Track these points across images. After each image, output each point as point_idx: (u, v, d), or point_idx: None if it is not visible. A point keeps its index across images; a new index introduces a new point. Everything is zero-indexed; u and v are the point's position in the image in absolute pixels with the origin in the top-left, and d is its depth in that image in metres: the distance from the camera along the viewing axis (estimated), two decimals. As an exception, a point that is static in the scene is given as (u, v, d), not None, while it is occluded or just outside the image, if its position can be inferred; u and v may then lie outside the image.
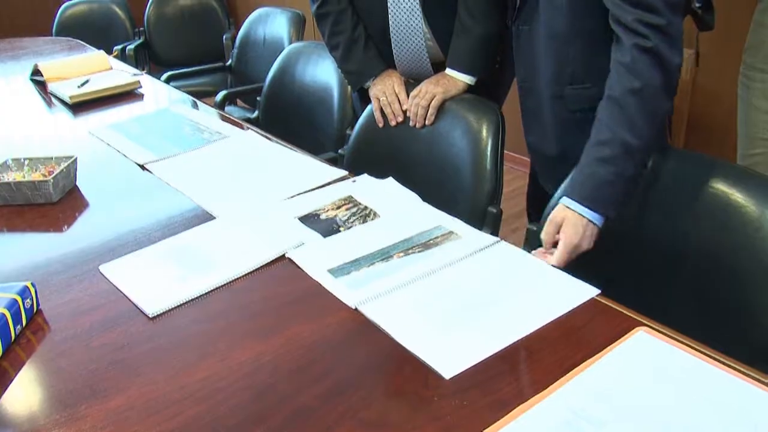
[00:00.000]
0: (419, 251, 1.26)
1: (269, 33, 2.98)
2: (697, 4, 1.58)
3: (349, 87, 2.01)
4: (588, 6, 1.34)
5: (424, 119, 1.73)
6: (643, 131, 1.22)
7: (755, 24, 1.66)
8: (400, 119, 1.79)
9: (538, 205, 1.57)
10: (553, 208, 1.31)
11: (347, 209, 1.43)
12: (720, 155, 2.54)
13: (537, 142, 1.62)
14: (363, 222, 1.38)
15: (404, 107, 1.78)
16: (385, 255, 1.26)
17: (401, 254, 1.26)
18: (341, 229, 1.37)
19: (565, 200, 1.27)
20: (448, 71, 1.79)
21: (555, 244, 1.27)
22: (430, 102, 1.72)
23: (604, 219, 1.26)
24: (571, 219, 1.25)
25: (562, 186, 1.39)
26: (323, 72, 2.15)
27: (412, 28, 1.82)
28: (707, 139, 2.70)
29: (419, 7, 1.79)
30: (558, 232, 1.27)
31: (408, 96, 1.78)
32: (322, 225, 1.38)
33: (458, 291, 1.14)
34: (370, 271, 1.21)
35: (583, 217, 1.25)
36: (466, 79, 1.76)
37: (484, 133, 1.61)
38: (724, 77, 2.55)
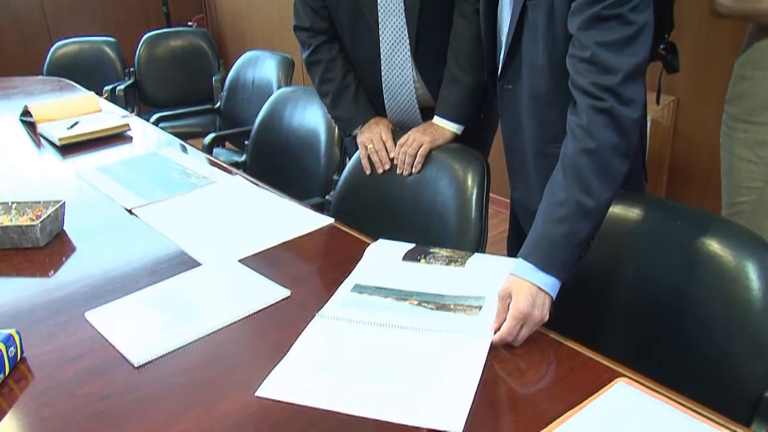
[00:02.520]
0: (430, 308, 1.26)
1: (258, 76, 3.02)
2: (662, 46, 1.63)
3: (338, 132, 2.04)
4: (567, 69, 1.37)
5: (411, 167, 1.76)
6: (598, 192, 1.21)
7: (736, 76, 1.70)
8: (386, 167, 1.81)
9: (519, 249, 1.58)
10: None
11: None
12: (701, 198, 2.62)
13: (522, 198, 1.64)
14: (446, 264, 1.40)
15: (391, 155, 1.80)
16: (403, 295, 1.29)
17: (415, 302, 1.28)
18: (420, 259, 1.42)
19: (515, 270, 1.22)
20: (437, 120, 1.82)
21: None
22: (418, 150, 1.75)
23: (556, 284, 1.21)
24: (520, 288, 1.19)
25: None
26: (311, 117, 2.18)
27: (404, 79, 1.86)
28: (688, 183, 2.74)
29: (411, 58, 1.83)
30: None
31: (395, 144, 1.80)
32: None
33: (428, 354, 1.14)
34: (373, 300, 1.27)
35: (534, 284, 1.19)
36: (453, 128, 1.79)
37: (470, 182, 1.64)
38: (704, 123, 2.61)
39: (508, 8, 1.47)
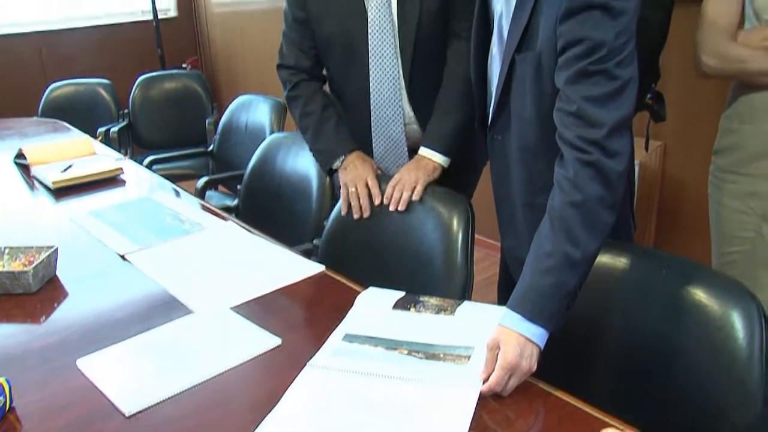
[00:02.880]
0: (420, 357, 1.27)
1: (251, 120, 3.06)
2: (648, 95, 1.67)
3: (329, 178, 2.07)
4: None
5: (406, 203, 1.77)
6: (585, 243, 1.23)
7: (723, 129, 1.73)
8: (365, 214, 1.81)
9: (509, 296, 1.60)
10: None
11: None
12: (689, 240, 2.65)
13: (512, 248, 1.66)
14: (436, 312, 1.41)
15: (376, 202, 1.81)
16: (393, 344, 1.30)
17: (405, 351, 1.29)
18: (410, 308, 1.43)
19: (503, 321, 1.24)
20: (425, 151, 1.84)
21: None
22: (415, 187, 1.76)
23: (544, 334, 1.22)
24: (508, 339, 1.20)
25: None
26: (303, 163, 2.21)
27: (394, 114, 1.88)
28: (677, 225, 2.78)
29: (404, 89, 1.86)
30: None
31: (380, 189, 1.81)
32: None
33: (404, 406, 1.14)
34: (364, 350, 1.28)
35: (522, 335, 1.20)
36: (441, 159, 1.82)
37: (455, 226, 1.66)
38: (691, 167, 2.65)
39: (497, 60, 1.51)
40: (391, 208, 1.79)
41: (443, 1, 1.83)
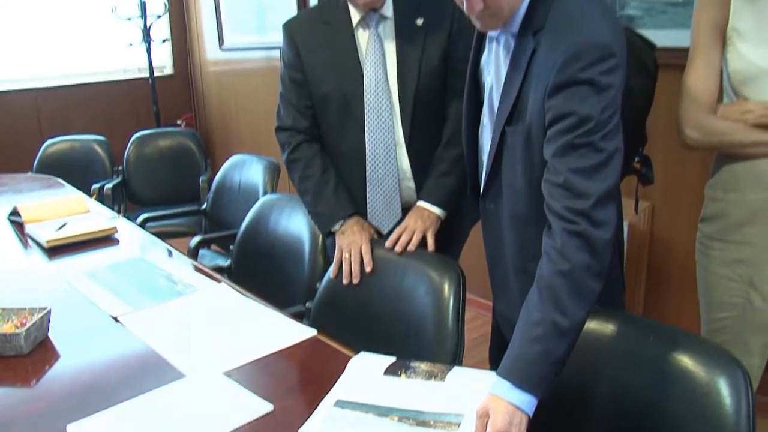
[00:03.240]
0: (410, 424, 1.27)
1: (245, 179, 3.09)
2: (636, 159, 1.71)
3: (322, 240, 2.09)
4: None
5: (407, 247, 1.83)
6: (573, 312, 1.25)
7: (708, 199, 1.77)
8: (355, 281, 1.84)
9: (501, 358, 1.61)
10: None
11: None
12: (679, 300, 2.67)
13: (505, 311, 1.68)
14: (426, 378, 1.42)
15: (367, 269, 1.83)
16: (384, 411, 1.31)
17: (395, 418, 1.29)
18: (401, 373, 1.43)
19: (493, 389, 1.25)
20: (424, 204, 1.90)
21: None
22: (418, 236, 1.83)
23: (533, 402, 1.24)
24: (497, 407, 1.21)
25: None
26: (296, 225, 2.23)
27: (389, 167, 1.92)
28: (666, 284, 2.80)
29: (401, 145, 1.92)
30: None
31: (372, 256, 1.84)
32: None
33: None
34: (355, 416, 1.29)
35: (511, 404, 1.22)
36: (438, 212, 1.89)
37: (446, 291, 1.68)
38: (679, 227, 2.69)
39: (488, 130, 1.55)
40: (397, 249, 1.82)
41: (442, 59, 1.89)
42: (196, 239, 2.79)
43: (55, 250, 2.31)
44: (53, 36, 5.01)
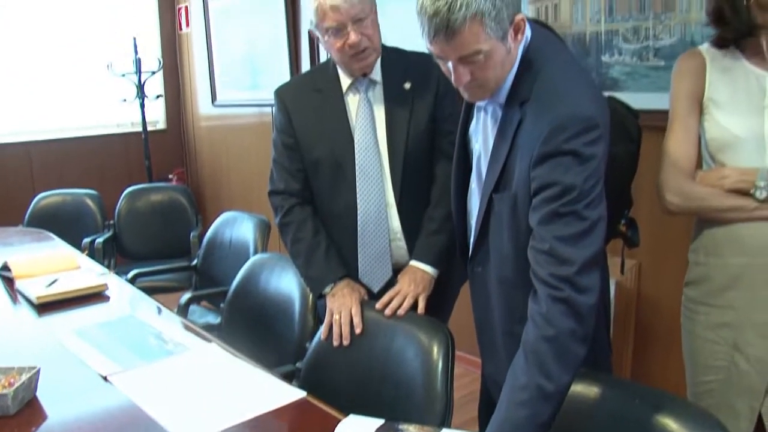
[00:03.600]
0: None
1: (235, 236, 3.11)
2: (623, 221, 1.76)
3: (312, 300, 2.11)
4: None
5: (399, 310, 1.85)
6: (558, 376, 1.29)
7: (691, 263, 1.81)
8: (345, 343, 1.85)
9: (489, 420, 1.63)
10: None
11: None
12: (667, 358, 2.68)
13: (494, 374, 1.69)
14: None
15: (357, 331, 1.85)
16: None
17: None
18: None
19: None
20: (417, 264, 1.93)
21: None
22: (409, 301, 1.85)
23: None
24: None
25: None
26: (286, 284, 2.25)
27: (380, 227, 1.96)
28: (653, 341, 2.82)
29: (391, 206, 1.96)
30: None
31: (362, 318, 1.86)
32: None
33: None
34: None
35: None
36: (431, 271, 1.92)
37: (435, 354, 1.69)
38: (665, 285, 2.72)
39: (476, 196, 1.59)
40: (387, 313, 1.84)
41: (430, 121, 1.96)
42: (186, 296, 2.79)
43: (44, 307, 2.31)
44: (48, 90, 5.07)
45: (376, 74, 1.95)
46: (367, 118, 1.95)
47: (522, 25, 1.39)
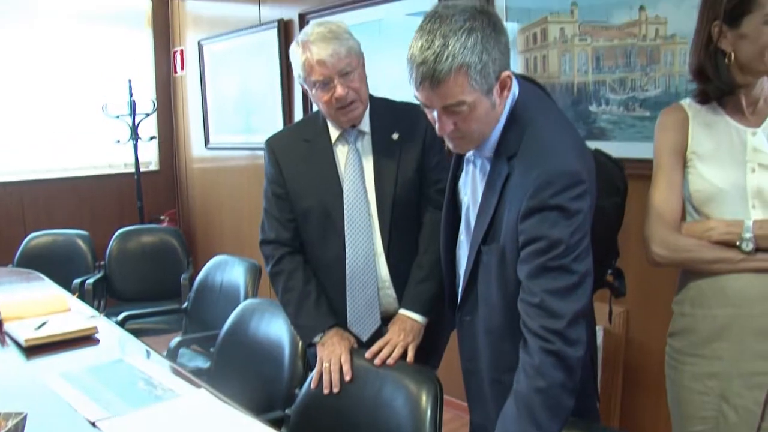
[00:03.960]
0: None
1: (226, 280, 3.11)
2: (609, 271, 1.81)
3: (301, 346, 2.12)
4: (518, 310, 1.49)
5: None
6: (548, 427, 1.34)
7: (675, 314, 1.83)
8: (335, 390, 1.86)
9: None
10: None
11: None
12: (655, 404, 2.69)
13: (482, 422, 1.71)
14: None
15: (347, 378, 1.86)
16: None
17: None
18: None
19: None
20: (406, 312, 1.95)
21: None
22: (399, 351, 1.86)
23: None
24: None
25: None
26: (276, 329, 2.25)
27: (368, 276, 1.99)
28: (642, 387, 2.82)
29: (380, 255, 1.99)
30: None
31: (352, 366, 1.88)
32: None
33: None
34: None
35: None
36: (420, 319, 1.94)
37: (424, 402, 1.70)
38: (653, 331, 2.73)
39: (465, 246, 1.63)
40: (377, 363, 1.85)
41: (417, 170, 1.99)
42: (176, 340, 2.79)
43: (33, 350, 2.30)
44: (42, 130, 5.11)
45: (365, 125, 2.00)
46: (356, 169, 1.99)
47: (508, 82, 1.45)
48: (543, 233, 1.37)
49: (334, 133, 2.01)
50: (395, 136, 1.99)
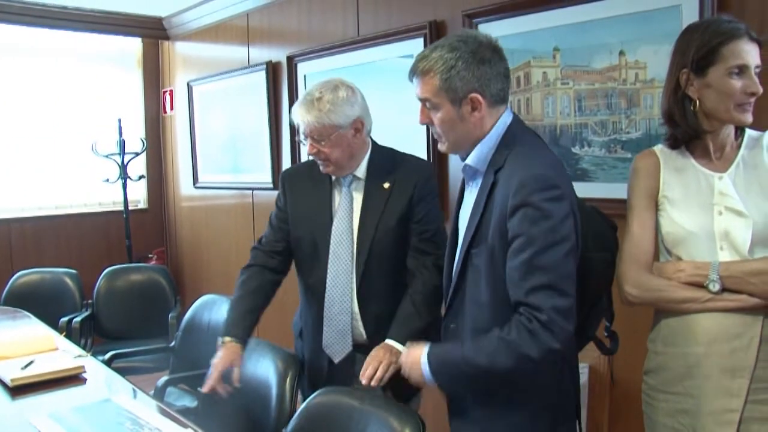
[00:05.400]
0: None
1: (214, 319, 3.10)
2: (606, 334, 1.92)
3: (289, 384, 2.15)
4: (509, 303, 1.59)
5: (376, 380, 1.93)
6: (502, 363, 1.55)
7: (649, 352, 1.89)
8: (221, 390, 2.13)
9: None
10: None
11: None
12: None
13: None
14: None
15: (236, 385, 2.11)
16: None
17: None
18: None
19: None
20: (391, 342, 2.03)
21: None
22: (384, 367, 1.93)
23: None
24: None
25: None
26: (263, 369, 2.27)
27: (343, 306, 2.16)
28: (628, 424, 2.83)
29: (354, 291, 2.16)
30: None
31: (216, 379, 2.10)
32: None
33: None
34: None
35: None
36: (403, 349, 1.98)
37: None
38: (636, 370, 2.75)
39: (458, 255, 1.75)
40: (364, 382, 1.93)
41: (400, 220, 2.13)
42: (163, 379, 2.79)
43: (19, 390, 2.29)
44: (30, 168, 5.14)
45: (361, 172, 2.21)
46: (347, 209, 2.19)
47: (477, 104, 1.67)
48: (524, 230, 1.54)
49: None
50: (386, 185, 2.16)
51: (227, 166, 5.00)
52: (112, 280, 4.19)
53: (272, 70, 4.45)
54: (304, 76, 4.22)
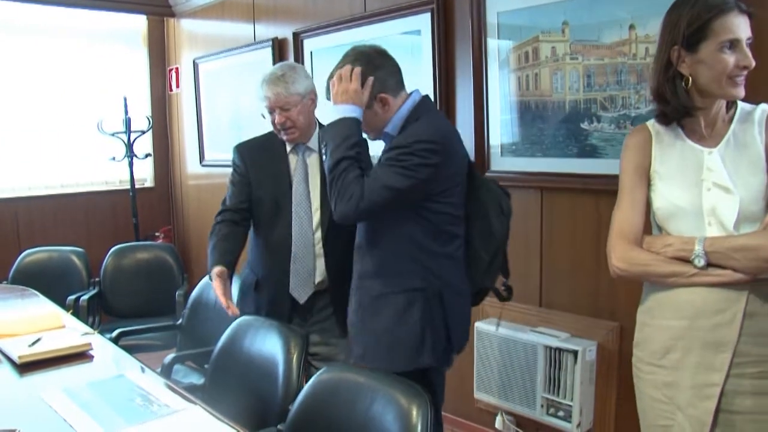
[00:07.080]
0: None
1: (220, 296, 3.12)
2: (503, 287, 2.26)
3: (296, 362, 2.15)
4: None
5: None
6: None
7: (639, 323, 1.92)
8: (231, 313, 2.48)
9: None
10: None
11: None
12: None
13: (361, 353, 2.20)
14: None
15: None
16: None
17: None
18: None
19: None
20: None
21: None
22: None
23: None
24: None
25: None
26: (270, 346, 2.26)
27: (307, 252, 2.57)
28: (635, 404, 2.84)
29: (314, 244, 2.58)
30: None
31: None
32: None
33: None
34: None
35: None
36: None
37: (414, 417, 1.71)
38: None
39: None
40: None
41: None
42: (170, 356, 2.79)
43: (27, 366, 2.30)
44: (37, 147, 5.15)
45: (313, 143, 2.63)
46: (302, 174, 2.62)
47: (387, 101, 2.11)
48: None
49: (288, 145, 2.65)
50: None
51: (233, 144, 4.95)
52: (119, 258, 4.19)
53: (278, 46, 4.43)
54: (311, 52, 4.20)
